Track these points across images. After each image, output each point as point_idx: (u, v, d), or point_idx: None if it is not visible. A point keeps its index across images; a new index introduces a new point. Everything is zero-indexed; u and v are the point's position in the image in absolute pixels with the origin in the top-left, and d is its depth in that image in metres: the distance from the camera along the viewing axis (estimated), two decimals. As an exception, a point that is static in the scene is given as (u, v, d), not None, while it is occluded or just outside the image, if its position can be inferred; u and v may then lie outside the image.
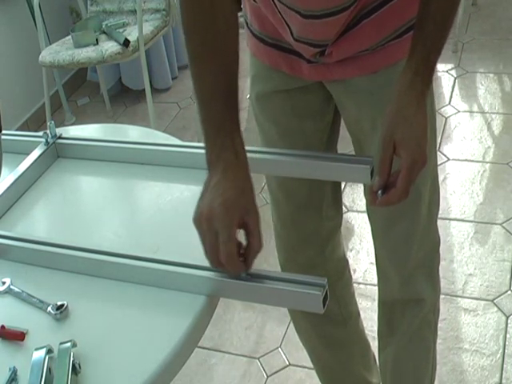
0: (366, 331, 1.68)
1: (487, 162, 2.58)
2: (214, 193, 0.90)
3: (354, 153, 1.32)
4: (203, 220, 0.89)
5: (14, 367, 0.85)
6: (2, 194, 1.15)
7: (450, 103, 2.94)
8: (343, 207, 2.44)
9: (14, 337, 0.90)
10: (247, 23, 1.25)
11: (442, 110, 2.90)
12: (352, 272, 2.16)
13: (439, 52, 1.03)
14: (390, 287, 1.40)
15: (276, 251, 1.48)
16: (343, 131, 1.33)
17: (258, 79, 1.28)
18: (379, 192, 1.03)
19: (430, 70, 1.03)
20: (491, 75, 3.10)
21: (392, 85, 1.05)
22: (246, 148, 1.11)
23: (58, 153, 1.27)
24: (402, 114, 1.02)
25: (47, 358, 0.84)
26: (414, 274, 1.36)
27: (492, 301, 2.02)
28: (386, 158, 1.02)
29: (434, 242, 1.37)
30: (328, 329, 1.53)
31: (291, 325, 2.02)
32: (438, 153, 2.65)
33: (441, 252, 1.39)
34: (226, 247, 0.87)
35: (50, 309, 0.93)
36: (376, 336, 1.54)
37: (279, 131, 1.30)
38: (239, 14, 1.42)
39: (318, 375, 1.69)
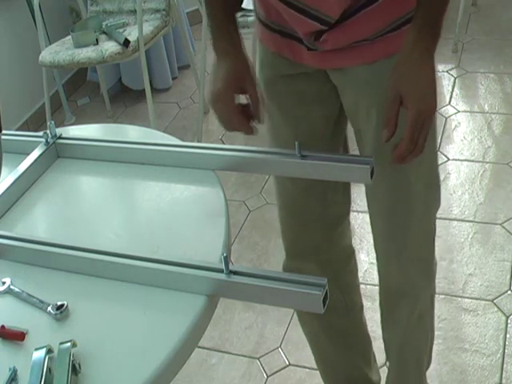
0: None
1: (487, 162, 2.58)
2: (214, 76, 1.18)
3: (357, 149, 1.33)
4: (212, 101, 1.17)
5: (14, 367, 0.85)
6: (2, 194, 1.15)
7: (449, 103, 2.94)
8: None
9: (14, 337, 0.90)
10: (255, 11, 1.29)
11: (442, 109, 2.90)
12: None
13: (442, 14, 1.08)
14: (389, 273, 1.42)
15: (276, 250, 1.48)
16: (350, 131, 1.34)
17: (264, 64, 1.32)
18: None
19: (434, 30, 1.08)
20: (491, 75, 3.10)
21: (388, 75, 1.10)
22: (248, 148, 1.15)
23: (58, 153, 1.27)
24: (408, 68, 1.07)
25: (47, 357, 0.84)
26: (411, 263, 1.38)
27: (492, 301, 2.02)
28: (392, 111, 1.08)
29: (430, 231, 1.39)
30: (330, 318, 1.53)
31: (291, 325, 2.03)
32: (438, 153, 2.65)
33: (441, 252, 1.40)
34: (233, 115, 1.16)
35: (50, 309, 0.93)
36: (376, 337, 1.54)
37: (283, 116, 1.33)
38: (239, 14, 1.44)
39: (319, 369, 1.69)
